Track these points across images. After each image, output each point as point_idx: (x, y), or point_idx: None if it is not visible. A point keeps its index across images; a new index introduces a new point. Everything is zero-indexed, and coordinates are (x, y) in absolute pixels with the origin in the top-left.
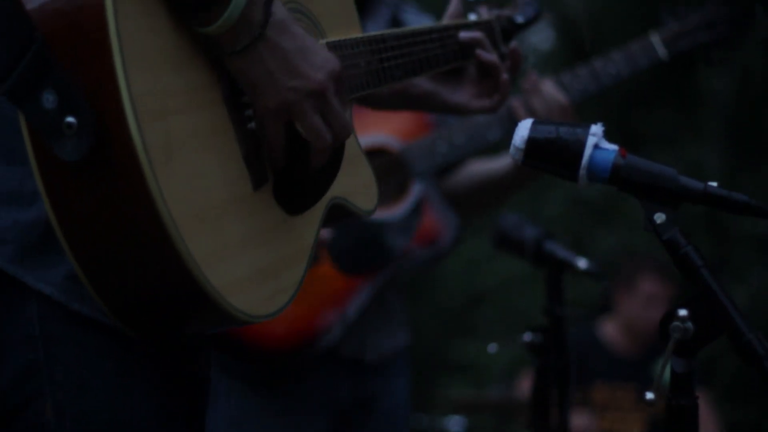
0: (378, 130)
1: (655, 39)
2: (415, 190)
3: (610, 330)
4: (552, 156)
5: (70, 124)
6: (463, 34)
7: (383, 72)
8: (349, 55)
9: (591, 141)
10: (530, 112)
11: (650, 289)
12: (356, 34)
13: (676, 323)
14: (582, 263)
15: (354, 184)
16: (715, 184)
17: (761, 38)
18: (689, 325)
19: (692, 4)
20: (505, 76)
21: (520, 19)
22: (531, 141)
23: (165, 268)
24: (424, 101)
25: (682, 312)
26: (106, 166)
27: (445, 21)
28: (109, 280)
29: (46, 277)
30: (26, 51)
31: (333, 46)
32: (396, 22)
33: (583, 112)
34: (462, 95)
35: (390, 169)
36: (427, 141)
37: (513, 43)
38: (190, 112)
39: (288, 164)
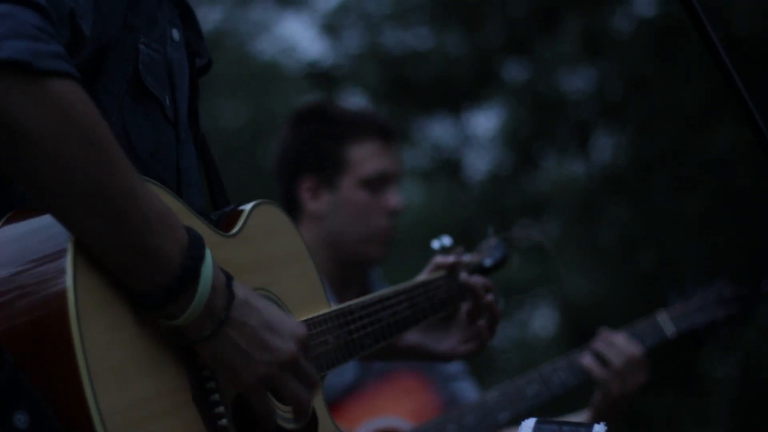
0: (389, 412)
1: (662, 317)
2: None
3: None
4: None
5: None
6: (476, 278)
7: (353, 343)
8: (318, 333)
9: None
10: (605, 366)
11: None
12: (324, 308)
13: None
14: None
15: None
16: None
17: (762, 323)
18: None
19: (699, 283)
20: (495, 320)
21: (488, 263)
22: None
23: None
24: (411, 353)
25: None
26: None
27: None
28: None
29: None
30: None
31: None
32: None
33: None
34: (449, 342)
35: None
36: (437, 422)
37: (489, 297)
38: (161, 421)
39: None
